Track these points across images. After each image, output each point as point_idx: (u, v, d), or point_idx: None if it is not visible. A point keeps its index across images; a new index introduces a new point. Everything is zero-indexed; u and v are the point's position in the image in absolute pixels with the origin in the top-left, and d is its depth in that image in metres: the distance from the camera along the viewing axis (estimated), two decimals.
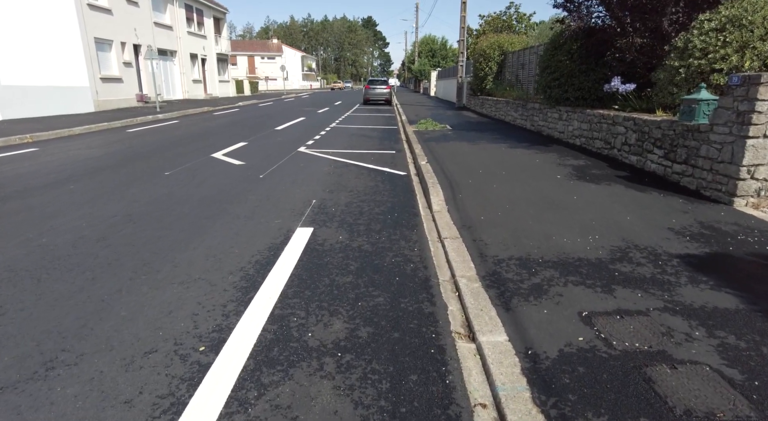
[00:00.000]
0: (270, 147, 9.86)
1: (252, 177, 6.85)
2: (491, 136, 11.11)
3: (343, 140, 11.15)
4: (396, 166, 7.93)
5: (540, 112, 11.35)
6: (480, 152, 8.63)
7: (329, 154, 8.96)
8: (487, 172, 6.77)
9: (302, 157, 8.70)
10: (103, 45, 19.47)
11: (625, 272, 3.38)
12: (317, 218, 4.90)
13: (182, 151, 9.28)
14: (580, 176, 6.44)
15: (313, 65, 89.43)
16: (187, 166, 7.59)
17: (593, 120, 8.36)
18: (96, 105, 18.58)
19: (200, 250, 3.93)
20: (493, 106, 16.64)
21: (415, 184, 6.63)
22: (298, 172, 7.27)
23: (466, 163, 7.49)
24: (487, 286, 3.20)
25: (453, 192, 5.71)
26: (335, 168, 7.66)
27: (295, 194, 5.87)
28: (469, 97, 21.59)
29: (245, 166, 7.66)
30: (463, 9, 20.57)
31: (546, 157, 7.94)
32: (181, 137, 11.51)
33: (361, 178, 6.91)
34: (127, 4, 21.17)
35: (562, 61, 9.63)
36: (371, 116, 18.96)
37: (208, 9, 31.20)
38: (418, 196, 5.91)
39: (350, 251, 3.96)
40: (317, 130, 13.36)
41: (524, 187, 5.86)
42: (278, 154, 8.95)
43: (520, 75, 15.57)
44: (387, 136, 12.14)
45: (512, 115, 14.01)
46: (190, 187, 6.20)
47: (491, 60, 17.87)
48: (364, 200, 5.63)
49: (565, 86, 9.67)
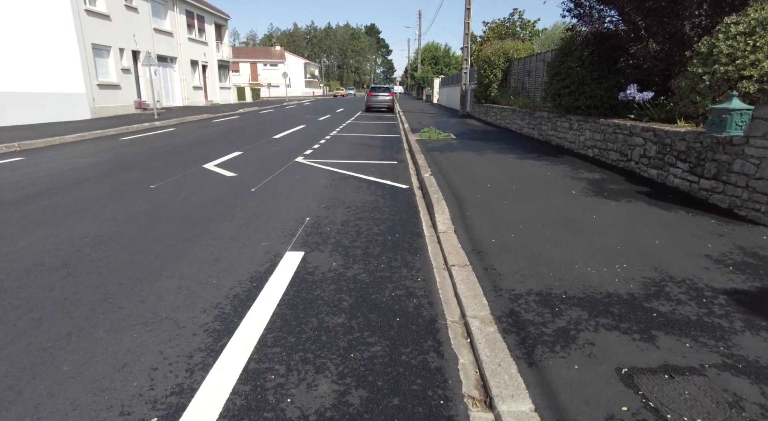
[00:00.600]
0: (266, 157, 9.40)
1: (243, 191, 6.38)
2: (498, 145, 10.64)
3: (343, 150, 10.70)
4: (398, 178, 7.46)
5: (549, 121, 10.88)
6: (487, 164, 8.15)
7: (327, 165, 8.49)
8: (495, 187, 6.29)
9: (299, 168, 8.24)
10: (100, 51, 19.15)
11: (665, 312, 2.88)
12: (309, 239, 4.42)
13: (173, 161, 8.83)
14: (597, 192, 5.95)
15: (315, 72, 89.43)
16: (175, 178, 7.13)
17: (607, 130, 7.88)
18: (92, 112, 18.22)
19: (174, 280, 3.45)
20: (498, 114, 16.19)
21: (418, 199, 6.14)
22: (292, 185, 6.80)
23: (472, 176, 7.01)
24: (505, 330, 2.70)
25: (460, 209, 5.22)
26: (333, 180, 7.19)
27: (288, 211, 5.39)
28: (473, 104, 21.17)
29: (237, 179, 7.19)
30: (467, 15, 20.21)
31: (558, 170, 7.45)
32: (175, 146, 11.08)
33: (360, 192, 6.44)
34: (126, 10, 20.89)
35: (573, 68, 9.17)
36: (373, 124, 18.54)
37: (210, 15, 30.98)
38: (422, 214, 5.42)
39: (344, 281, 3.47)
40: (317, 138, 12.92)
41: (537, 204, 5.37)
42: (274, 164, 8.50)
43: (526, 82, 15.14)
44: (389, 146, 11.69)
45: (518, 123, 13.55)
46: (175, 202, 5.74)
47: (496, 67, 17.46)
48: (363, 218, 5.15)
49: (576, 94, 9.21)
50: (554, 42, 17.07)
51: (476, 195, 5.83)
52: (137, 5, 21.81)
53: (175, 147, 10.88)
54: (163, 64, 25.08)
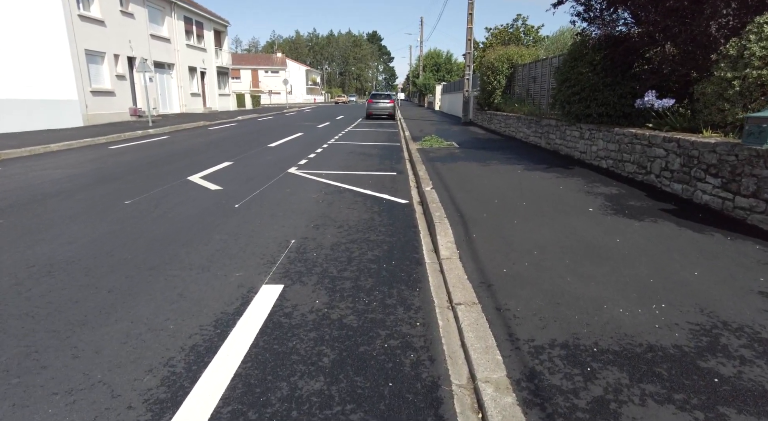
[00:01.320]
0: (257, 168, 8.84)
1: (225, 207, 5.80)
2: (503, 155, 10.07)
3: (340, 159, 10.14)
4: (397, 192, 6.88)
5: (557, 130, 10.31)
6: (492, 176, 7.57)
7: (322, 177, 7.93)
8: (504, 203, 5.70)
9: (291, 180, 7.67)
10: (94, 57, 18.71)
11: (729, 376, 2.28)
12: (292, 268, 3.83)
13: (158, 172, 8.28)
14: (617, 210, 5.35)
15: (317, 79, 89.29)
16: (155, 193, 6.57)
17: (623, 140, 7.30)
18: (85, 119, 17.74)
19: (123, 324, 2.86)
20: (502, 121, 15.64)
21: (418, 217, 5.56)
22: (281, 200, 6.23)
23: (477, 190, 6.43)
24: (526, 402, 2.11)
25: (465, 230, 4.63)
26: (326, 194, 6.62)
27: (272, 231, 4.81)
28: (476, 111, 20.64)
29: (221, 193, 6.62)
30: (470, 21, 19.74)
31: (570, 184, 6.86)
32: (164, 155, 10.54)
33: (355, 208, 5.86)
34: (121, 16, 20.49)
35: (584, 73, 8.62)
36: (372, 131, 18.01)
37: (209, 22, 30.64)
38: (422, 234, 4.84)
39: (328, 326, 2.88)
40: (313, 147, 12.38)
41: (552, 225, 4.78)
42: (264, 176, 7.93)
43: (531, 89, 14.60)
44: (388, 155, 11.13)
45: (524, 131, 12.99)
46: (147, 220, 5.16)
47: (500, 73, 16.93)
48: (355, 240, 4.56)
49: (587, 101, 8.64)
50: (560, 47, 16.56)
51: (483, 213, 5.24)
52: (133, 11, 21.42)
53: (163, 156, 10.34)
54: (160, 70, 24.66)
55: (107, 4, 19.37)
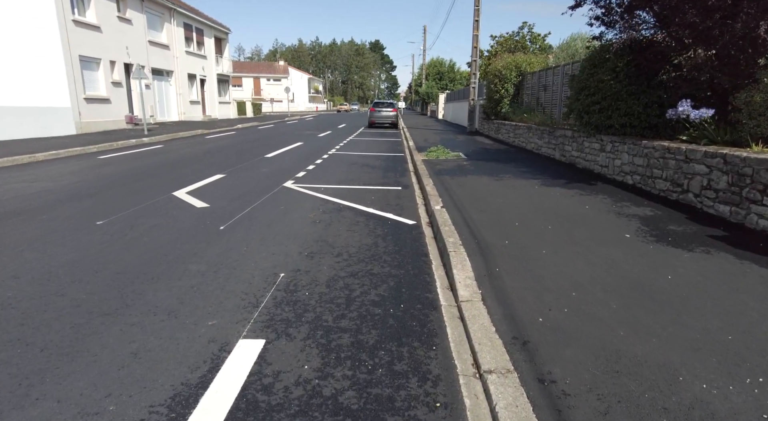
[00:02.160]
0: (250, 181, 8.17)
1: (209, 229, 5.12)
2: (516, 168, 9.38)
3: (341, 171, 9.47)
4: (402, 210, 6.20)
5: (573, 141, 9.63)
6: (508, 192, 6.88)
7: (320, 192, 7.25)
8: (526, 226, 5.00)
9: (286, 196, 6.99)
10: (89, 63, 18.17)
11: None
12: (277, 314, 3.13)
13: (142, 186, 7.61)
14: (658, 236, 4.65)
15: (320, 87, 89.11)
16: (132, 211, 5.89)
17: (653, 154, 6.61)
18: (78, 127, 17.15)
19: (44, 406, 2.16)
20: (511, 131, 14.98)
21: (428, 241, 4.87)
22: (273, 220, 5.54)
23: (494, 210, 5.73)
24: None
25: (485, 261, 3.93)
26: (324, 213, 5.93)
27: (258, 261, 4.12)
28: (481, 121, 20.01)
29: (207, 211, 5.94)
30: (476, 27, 19.19)
31: (596, 203, 6.16)
32: (153, 166, 9.89)
33: (356, 230, 5.17)
34: (118, 22, 19.99)
35: (605, 81, 7.95)
36: (375, 141, 17.38)
37: (209, 28, 30.21)
38: (435, 266, 4.14)
39: (318, 409, 2.17)
40: (313, 158, 11.72)
41: (587, 256, 4.07)
42: (257, 191, 7.26)
43: (542, 98, 13.96)
44: (392, 166, 10.46)
45: (536, 142, 12.31)
46: (117, 247, 4.47)
47: (507, 81, 16.31)
48: (356, 273, 3.87)
49: (609, 111, 7.97)
50: (570, 55, 15.96)
51: (503, 239, 4.54)
52: (131, 17, 20.94)
53: (152, 168, 9.69)
54: (159, 77, 24.15)
55: (104, 10, 18.89)
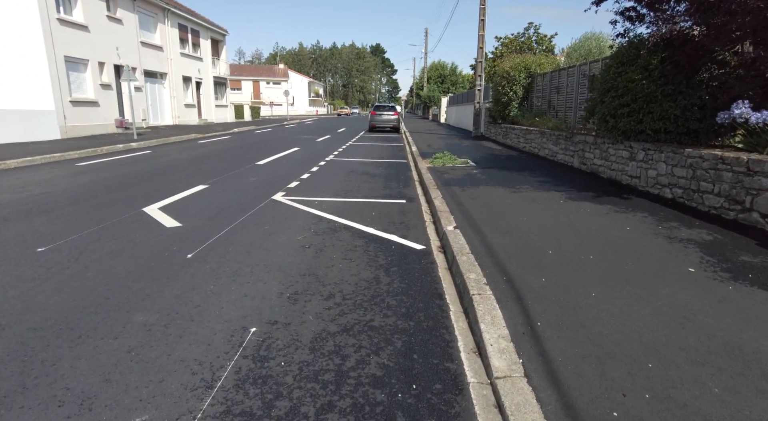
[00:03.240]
0: (235, 193, 7.25)
1: (173, 259, 4.19)
2: (533, 178, 8.45)
3: (338, 181, 8.55)
4: (408, 230, 5.27)
5: (596, 148, 8.70)
6: (531, 208, 5.95)
7: (313, 206, 6.33)
8: (562, 255, 4.07)
9: (274, 211, 6.07)
10: (76, 64, 17.30)
11: None
12: (237, 403, 2.20)
13: (111, 200, 6.70)
14: (732, 270, 3.71)
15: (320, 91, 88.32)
16: (87, 234, 4.96)
17: (699, 164, 5.68)
18: (63, 131, 16.26)
19: None
20: (521, 136, 14.06)
21: (442, 274, 3.94)
22: (253, 245, 4.61)
23: (518, 232, 4.80)
24: None
25: (521, 310, 3.01)
26: (316, 234, 5.01)
27: (225, 309, 3.19)
28: (488, 124, 19.10)
29: (177, 233, 5.02)
30: (482, 27, 18.31)
31: (637, 222, 5.23)
32: (132, 175, 8.98)
33: (353, 259, 4.24)
34: (108, 21, 19.13)
35: (636, 81, 7.04)
36: (376, 146, 16.47)
37: (205, 30, 29.37)
38: (454, 315, 3.21)
39: None
40: (308, 165, 10.80)
41: (650, 301, 3.14)
42: (240, 206, 6.33)
43: (554, 100, 13.05)
44: (395, 175, 9.54)
45: (550, 148, 11.39)
46: (47, 286, 3.54)
47: (516, 83, 15.41)
48: (351, 328, 2.94)
49: (639, 114, 7.05)
50: (584, 55, 15.08)
51: (539, 275, 3.61)
52: (122, 16, 20.09)
53: (131, 177, 8.77)
54: (152, 80, 23.29)
55: (92, 9, 18.03)
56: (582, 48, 15.11)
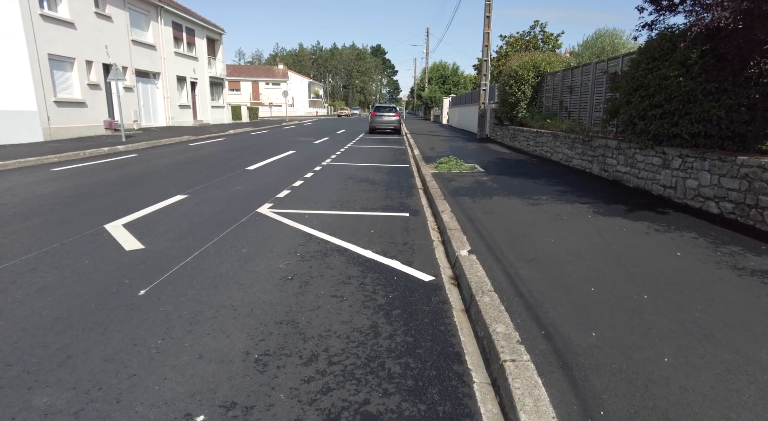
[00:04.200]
0: (215, 205, 6.40)
1: (121, 296, 3.34)
2: (550, 186, 7.59)
3: (334, 189, 7.70)
4: (414, 253, 4.42)
5: (620, 153, 7.84)
6: (556, 225, 5.09)
7: (303, 222, 5.48)
8: (609, 295, 3.21)
9: (256, 229, 5.23)
10: (61, 63, 16.48)
11: None
12: None
13: (72, 213, 5.85)
14: None
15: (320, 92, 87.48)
16: (23, 261, 4.12)
17: (758, 175, 4.84)
18: (46, 133, 15.44)
19: None
20: (531, 139, 13.21)
21: (458, 321, 3.09)
22: (223, 277, 3.76)
23: (548, 259, 3.94)
24: None
25: (574, 388, 2.16)
26: (302, 260, 4.16)
27: (167, 382, 2.34)
28: (493, 126, 18.25)
29: (136, 258, 4.17)
30: (487, 24, 17.48)
31: (687, 246, 4.37)
32: (107, 183, 8.14)
33: (346, 296, 3.39)
34: (96, 18, 18.31)
35: (670, 78, 6.20)
36: (376, 149, 15.63)
37: (201, 29, 28.53)
38: (479, 390, 2.35)
39: None
40: (303, 170, 9.96)
41: (750, 373, 2.29)
42: (219, 222, 5.49)
43: (567, 101, 12.20)
44: (396, 182, 8.69)
45: (564, 153, 10.53)
46: None
47: (524, 83, 14.57)
48: (337, 418, 2.09)
49: (675, 116, 6.21)
50: (596, 53, 14.23)
51: (587, 328, 2.75)
52: (111, 13, 19.26)
53: (104, 185, 7.93)
54: (144, 79, 22.47)
55: (78, 5, 17.20)
56: (594, 46, 14.27)
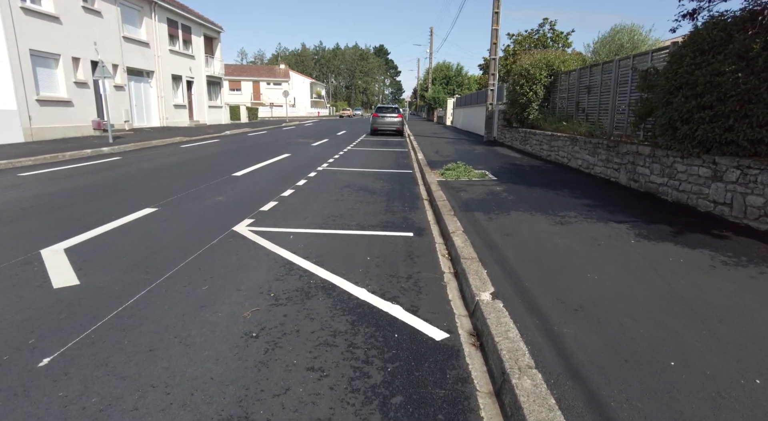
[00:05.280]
0: (185, 221, 5.45)
1: (9, 371, 2.39)
2: (575, 198, 6.61)
3: (327, 200, 6.75)
4: (420, 293, 3.46)
5: (654, 162, 6.86)
6: (596, 254, 4.11)
7: (286, 244, 4.53)
8: (703, 381, 2.23)
9: (226, 255, 4.27)
10: (45, 60, 15.59)
11: None
12: None
13: (8, 232, 4.91)
14: None
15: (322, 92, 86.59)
16: None
17: None
18: (27, 134, 14.54)
19: None
20: (544, 143, 12.22)
21: (485, 414, 2.13)
22: (166, 332, 2.80)
23: (599, 311, 2.97)
24: None
25: None
26: (275, 305, 3.20)
27: None
28: (501, 128, 17.27)
29: (61, 301, 3.21)
30: (495, 21, 16.50)
31: None
32: (71, 192, 7.20)
33: (326, 370, 2.43)
34: (84, 13, 17.41)
35: (725, 73, 5.22)
36: (377, 152, 14.67)
37: (198, 26, 27.62)
38: None
39: None
40: (296, 177, 9.01)
41: None
42: (184, 245, 4.53)
43: (584, 102, 11.23)
44: (398, 191, 7.73)
45: (585, 159, 9.55)
46: None
47: (536, 82, 13.59)
48: None
49: (730, 119, 5.23)
50: (614, 50, 13.24)
51: None
52: (101, 8, 18.36)
53: (64, 195, 6.99)
54: (137, 78, 21.57)
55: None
56: (612, 43, 13.28)
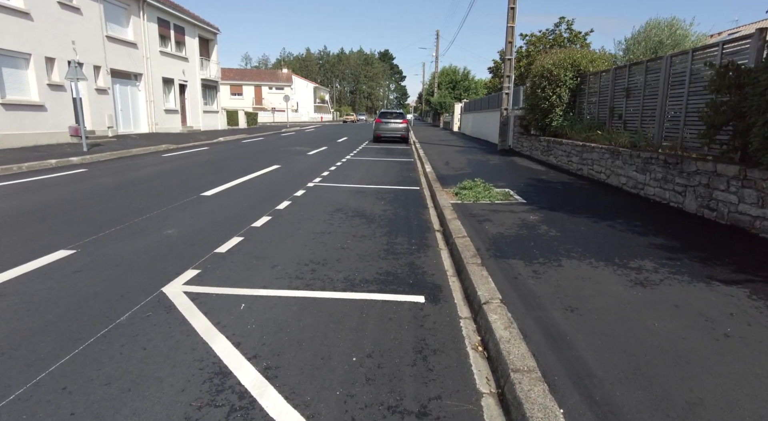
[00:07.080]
0: (103, 274, 3.84)
1: None
2: (638, 235, 4.94)
3: (309, 235, 5.13)
4: None
5: (745, 186, 5.19)
6: (729, 358, 2.46)
7: (229, 323, 2.91)
8: None
9: (132, 346, 2.65)
10: (12, 59, 14.13)
11: None
12: None
13: None
14: None
15: (326, 97, 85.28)
16: None
17: None
18: None
19: None
20: (574, 154, 10.53)
21: None
22: None
23: None
24: None
25: None
26: None
27: None
28: (518, 136, 15.62)
29: None
30: (511, 17, 14.91)
31: None
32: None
33: None
34: (60, 9, 15.97)
35: None
36: (379, 162, 13.06)
37: (192, 27, 26.20)
38: None
39: None
40: (279, 196, 7.40)
41: None
42: (79, 322, 2.92)
43: (621, 107, 9.58)
44: (403, 218, 6.11)
45: (630, 177, 7.87)
46: None
47: (560, 85, 11.96)
48: None
49: None
50: (651, 47, 11.59)
51: None
52: (80, 5, 16.91)
53: None
54: (123, 81, 20.12)
55: None
56: (648, 40, 11.64)
